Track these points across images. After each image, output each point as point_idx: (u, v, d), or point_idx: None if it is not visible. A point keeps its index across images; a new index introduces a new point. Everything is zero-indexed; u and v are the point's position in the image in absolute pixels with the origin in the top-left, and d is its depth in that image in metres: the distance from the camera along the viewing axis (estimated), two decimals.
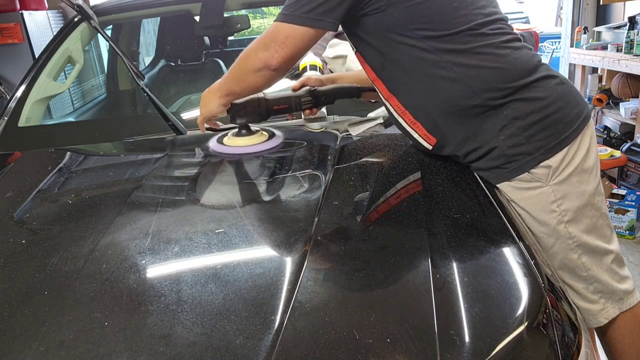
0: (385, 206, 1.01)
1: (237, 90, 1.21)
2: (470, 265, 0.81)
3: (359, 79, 1.38)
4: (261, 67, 1.09)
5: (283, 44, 1.06)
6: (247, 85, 1.17)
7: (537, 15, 7.85)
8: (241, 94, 1.23)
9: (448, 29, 1.02)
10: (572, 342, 0.74)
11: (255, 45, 1.12)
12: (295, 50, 1.07)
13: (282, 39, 1.06)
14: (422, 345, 0.64)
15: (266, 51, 1.08)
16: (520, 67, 1.04)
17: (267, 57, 1.08)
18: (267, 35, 1.08)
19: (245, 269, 0.81)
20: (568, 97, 1.06)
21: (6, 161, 1.44)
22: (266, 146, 1.30)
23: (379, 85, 1.14)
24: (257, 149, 1.29)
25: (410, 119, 1.12)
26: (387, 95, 1.14)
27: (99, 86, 2.92)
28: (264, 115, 1.31)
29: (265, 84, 1.17)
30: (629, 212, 2.81)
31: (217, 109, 1.25)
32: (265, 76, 1.12)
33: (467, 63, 1.02)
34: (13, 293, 0.80)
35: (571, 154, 1.05)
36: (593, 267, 1.10)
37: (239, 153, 1.29)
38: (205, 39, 2.80)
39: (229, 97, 1.24)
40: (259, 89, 1.22)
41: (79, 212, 1.07)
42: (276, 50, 1.06)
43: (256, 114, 1.30)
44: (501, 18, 1.08)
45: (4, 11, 3.66)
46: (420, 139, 1.13)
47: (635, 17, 3.40)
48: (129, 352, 0.65)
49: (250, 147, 1.29)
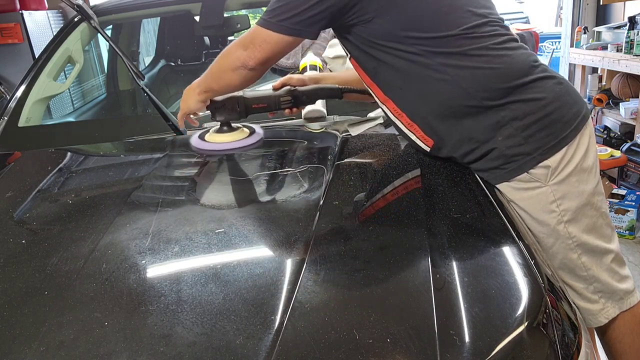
0: (385, 206, 1.01)
1: (215, 87, 1.24)
2: (470, 265, 0.81)
3: (343, 80, 1.37)
4: (239, 65, 1.14)
5: (260, 47, 1.11)
6: (225, 83, 1.21)
7: (537, 15, 7.84)
8: (219, 91, 1.26)
9: (439, 32, 1.02)
10: (572, 342, 0.74)
11: (235, 44, 1.16)
12: (272, 54, 1.12)
13: (260, 42, 1.10)
14: (422, 345, 0.64)
15: (244, 51, 1.12)
16: (516, 68, 1.04)
17: (244, 56, 1.12)
18: (247, 37, 1.13)
19: (245, 269, 0.81)
20: (566, 97, 1.06)
21: (6, 161, 1.44)
22: (247, 142, 1.34)
23: (375, 89, 1.15)
24: (237, 145, 1.33)
25: (407, 121, 1.12)
26: (383, 98, 1.14)
27: (99, 86, 2.92)
28: (242, 113, 1.33)
29: (242, 83, 1.20)
30: (629, 212, 2.81)
31: (196, 105, 1.29)
32: (242, 75, 1.15)
33: (461, 64, 1.02)
34: (13, 293, 0.80)
35: (570, 154, 1.05)
36: (593, 267, 1.10)
37: (220, 149, 1.33)
38: (205, 39, 2.79)
39: (207, 94, 1.27)
40: (236, 88, 1.24)
41: (79, 212, 1.07)
42: (253, 52, 1.11)
43: (235, 112, 1.33)
44: (495, 19, 1.07)
45: (4, 11, 3.66)
46: (418, 141, 1.13)
47: (635, 17, 3.40)
48: (129, 352, 0.65)
49: (231, 144, 1.33)
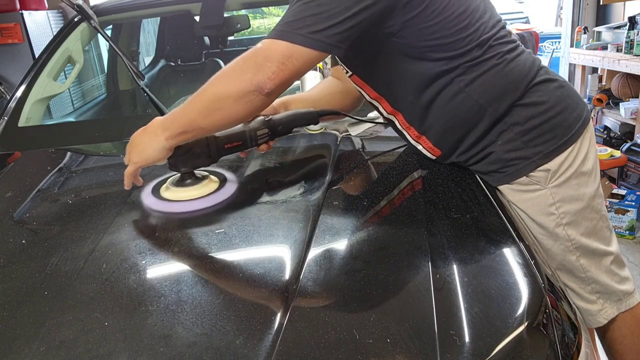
0: (385, 206, 1.01)
1: (202, 125, 0.95)
2: (470, 265, 0.81)
3: (310, 99, 1.26)
4: (251, 90, 0.89)
5: (283, 65, 0.88)
6: (222, 117, 0.94)
7: (537, 15, 7.84)
8: (206, 130, 0.97)
9: (458, 49, 0.98)
10: (572, 342, 0.74)
11: (238, 66, 0.92)
12: (296, 73, 0.91)
13: (282, 59, 0.88)
14: (422, 345, 0.64)
15: (259, 72, 0.88)
16: (523, 73, 1.02)
17: (260, 79, 0.88)
18: (259, 54, 0.90)
19: (245, 269, 0.81)
20: (567, 101, 1.05)
21: (6, 161, 1.44)
22: (219, 197, 1.03)
23: (382, 102, 1.11)
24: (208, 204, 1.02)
25: (415, 134, 1.10)
26: (391, 111, 1.10)
27: (99, 86, 2.92)
28: (214, 157, 1.05)
29: (248, 115, 0.95)
30: (629, 212, 2.81)
31: (159, 154, 0.98)
32: (254, 103, 0.91)
33: (475, 77, 1.00)
34: (13, 293, 0.80)
35: (571, 158, 1.05)
36: (592, 269, 1.10)
37: (186, 210, 1.01)
38: (205, 39, 2.79)
39: (182, 137, 0.97)
40: (238, 122, 1.01)
41: (79, 212, 1.07)
42: (274, 72, 0.88)
43: (204, 156, 1.03)
44: (502, 26, 1.06)
45: (4, 11, 3.66)
46: (425, 151, 1.12)
47: (635, 17, 3.40)
48: (129, 352, 0.65)
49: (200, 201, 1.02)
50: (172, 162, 1.02)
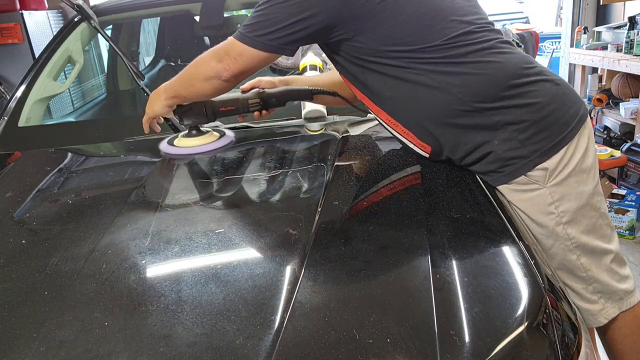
0: (385, 206, 1.01)
1: (183, 94, 1.24)
2: (470, 265, 0.81)
3: (314, 82, 1.36)
4: (212, 75, 1.13)
5: (235, 60, 1.10)
6: (195, 90, 1.20)
7: (537, 15, 7.84)
8: (187, 98, 1.25)
9: (421, 45, 1.01)
10: (572, 342, 0.74)
11: (210, 54, 1.14)
12: (246, 67, 1.11)
13: (235, 55, 1.09)
14: (422, 345, 0.64)
15: (219, 62, 1.12)
16: (506, 73, 1.03)
17: (219, 68, 1.12)
18: (222, 48, 1.12)
19: (245, 269, 0.81)
20: (563, 98, 1.06)
21: (6, 161, 1.44)
22: (216, 145, 1.33)
23: (366, 101, 1.15)
24: (207, 149, 1.32)
25: (402, 130, 1.13)
26: (376, 110, 1.15)
27: (99, 86, 2.92)
28: (210, 117, 1.32)
29: (213, 93, 1.20)
30: (629, 212, 2.81)
31: (162, 109, 1.29)
32: (215, 85, 1.15)
33: (448, 71, 1.02)
34: (13, 293, 0.80)
35: (569, 155, 1.05)
36: (592, 268, 1.10)
37: (189, 153, 1.32)
38: (205, 39, 2.79)
39: (174, 100, 1.26)
40: (206, 97, 1.24)
41: (79, 212, 1.07)
42: (228, 64, 1.11)
43: (202, 115, 1.32)
44: (483, 24, 1.06)
45: (4, 11, 3.66)
46: (416, 148, 1.13)
47: (635, 17, 3.40)
48: (129, 352, 0.65)
49: (200, 147, 1.32)
50: (178, 117, 1.34)
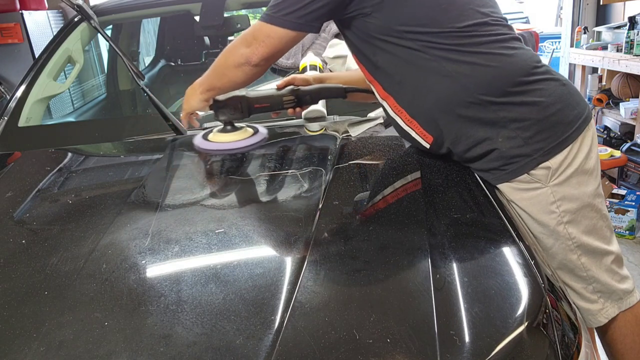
0: (385, 206, 1.01)
1: (218, 85, 1.24)
2: (470, 265, 0.81)
3: (346, 80, 1.37)
4: (242, 62, 1.14)
5: (263, 43, 1.11)
6: (228, 80, 1.21)
7: (537, 15, 7.85)
8: (222, 89, 1.26)
9: (436, 28, 1.02)
10: (572, 342, 0.74)
11: (238, 41, 1.16)
12: (275, 49, 1.12)
13: (263, 37, 1.11)
14: (422, 345, 0.64)
15: (247, 48, 1.13)
16: (515, 68, 1.03)
17: (248, 53, 1.13)
18: (250, 33, 1.14)
19: (245, 269, 0.81)
20: (568, 99, 1.06)
21: (6, 161, 1.44)
22: (250, 142, 1.34)
23: (375, 85, 1.15)
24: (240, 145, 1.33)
25: (407, 118, 1.12)
26: (384, 95, 1.14)
27: (99, 86, 2.92)
28: (245, 112, 1.33)
29: (245, 80, 1.20)
30: (629, 212, 2.81)
31: (199, 104, 1.29)
32: (246, 71, 1.16)
33: (459, 59, 1.02)
34: (13, 293, 0.80)
35: (572, 156, 1.05)
36: (592, 268, 1.10)
37: (223, 149, 1.33)
38: (205, 39, 2.79)
39: (210, 93, 1.27)
40: (239, 85, 1.24)
41: (79, 212, 1.07)
42: (257, 48, 1.12)
43: (237, 111, 1.33)
44: (498, 19, 1.07)
45: (4, 11, 3.65)
46: (418, 137, 1.13)
47: (635, 17, 3.40)
48: (129, 352, 0.65)
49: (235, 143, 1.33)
50: (214, 112, 1.34)
